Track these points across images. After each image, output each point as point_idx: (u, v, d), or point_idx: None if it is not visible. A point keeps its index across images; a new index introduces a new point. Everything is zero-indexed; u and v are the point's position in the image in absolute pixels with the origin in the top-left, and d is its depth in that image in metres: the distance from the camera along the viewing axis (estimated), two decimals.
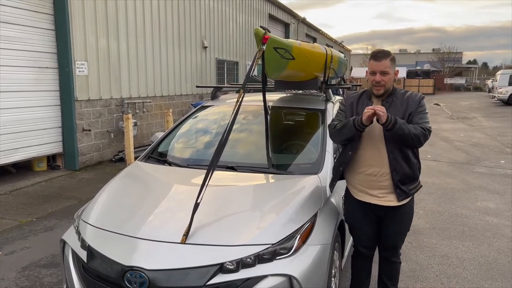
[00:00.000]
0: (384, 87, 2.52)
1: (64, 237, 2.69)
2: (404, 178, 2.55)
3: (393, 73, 2.54)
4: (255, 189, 2.87)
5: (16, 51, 6.52)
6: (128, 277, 2.15)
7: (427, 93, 37.95)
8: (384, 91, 2.55)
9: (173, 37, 10.70)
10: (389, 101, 2.57)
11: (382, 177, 2.56)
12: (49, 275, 3.55)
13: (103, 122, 8.28)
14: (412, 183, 2.61)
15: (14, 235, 4.45)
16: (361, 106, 2.61)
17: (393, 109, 2.52)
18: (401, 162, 2.53)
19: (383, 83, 2.51)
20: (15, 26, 6.48)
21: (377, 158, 2.55)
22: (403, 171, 2.54)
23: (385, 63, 2.50)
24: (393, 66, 2.54)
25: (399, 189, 2.55)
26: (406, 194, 2.58)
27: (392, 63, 2.53)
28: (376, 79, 2.51)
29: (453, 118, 16.98)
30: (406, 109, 2.53)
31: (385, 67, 2.49)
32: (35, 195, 5.98)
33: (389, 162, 2.52)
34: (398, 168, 2.52)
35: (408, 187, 2.58)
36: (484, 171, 7.55)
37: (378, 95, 2.57)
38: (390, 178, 2.54)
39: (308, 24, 25.34)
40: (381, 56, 2.51)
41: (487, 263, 3.81)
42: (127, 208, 2.67)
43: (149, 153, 3.58)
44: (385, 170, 2.55)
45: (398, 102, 2.56)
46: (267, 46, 2.91)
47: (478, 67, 62.00)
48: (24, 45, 6.64)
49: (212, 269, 2.14)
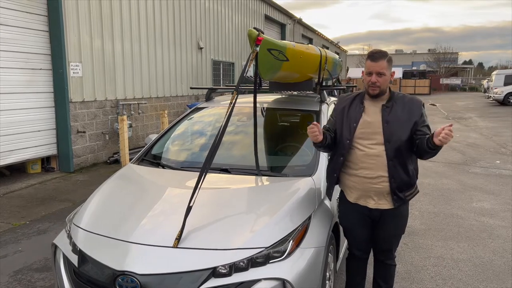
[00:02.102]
0: (379, 88, 2.49)
1: (55, 241, 2.66)
2: (401, 185, 2.52)
3: (389, 74, 2.50)
4: (249, 192, 2.85)
5: (9, 52, 6.47)
6: (120, 282, 2.13)
7: (423, 93, 38.09)
8: (379, 92, 2.51)
9: (169, 37, 10.67)
10: (390, 105, 2.52)
11: (378, 180, 2.52)
12: (42, 279, 3.51)
13: (98, 124, 8.24)
14: (409, 189, 2.57)
15: (7, 239, 4.40)
16: (353, 111, 2.58)
17: (394, 115, 2.49)
18: (400, 169, 2.49)
19: (379, 84, 2.47)
20: (7, 27, 6.43)
21: (374, 161, 2.51)
22: (401, 178, 2.50)
23: (382, 64, 2.45)
24: (389, 67, 2.49)
25: (395, 195, 2.52)
26: (402, 200, 2.55)
27: (389, 64, 2.48)
28: (372, 80, 2.47)
29: (449, 119, 17.03)
30: (410, 117, 2.48)
31: (381, 68, 2.45)
32: (29, 197, 5.93)
33: (388, 168, 2.48)
34: (396, 175, 2.49)
35: (404, 193, 2.55)
36: (480, 172, 7.56)
37: (373, 95, 2.53)
38: (388, 183, 2.50)
39: (304, 25, 25.36)
40: (378, 57, 2.46)
41: (482, 264, 3.81)
42: (119, 212, 2.64)
43: (142, 156, 3.55)
44: (381, 174, 2.50)
45: (399, 107, 2.51)
46: (261, 48, 2.89)
47: (474, 67, 62.30)
48: (17, 47, 6.59)
49: (205, 273, 2.12)
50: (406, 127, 2.47)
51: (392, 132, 2.46)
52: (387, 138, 2.46)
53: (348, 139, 2.56)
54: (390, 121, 2.47)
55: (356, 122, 2.55)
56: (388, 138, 2.46)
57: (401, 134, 2.46)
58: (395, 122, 2.47)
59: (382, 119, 2.49)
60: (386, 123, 2.47)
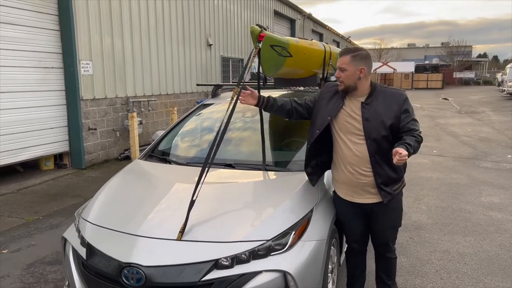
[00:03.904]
0: (343, 84, 2.50)
1: (65, 235, 2.75)
2: (387, 180, 2.53)
3: (354, 70, 2.45)
4: (252, 186, 2.90)
5: (22, 51, 6.61)
6: (126, 273, 2.20)
7: (436, 87, 37.63)
8: (344, 87, 2.51)
9: (178, 35, 10.75)
10: (369, 102, 2.51)
11: (362, 175, 2.54)
12: (54, 271, 3.62)
13: (109, 121, 8.37)
14: (395, 184, 2.58)
15: (21, 233, 4.54)
16: (332, 104, 2.59)
17: (374, 112, 2.48)
18: (384, 165, 2.49)
19: (342, 80, 2.50)
20: (21, 27, 6.58)
21: (357, 158, 2.52)
22: (386, 174, 2.51)
23: (343, 59, 2.48)
24: (354, 63, 2.45)
25: (383, 190, 2.53)
26: (391, 195, 2.55)
27: (352, 60, 2.45)
28: (335, 75, 2.55)
29: (461, 113, 16.83)
30: (391, 112, 2.45)
31: (342, 62, 2.48)
32: (42, 193, 6.08)
33: (371, 164, 2.50)
34: (380, 171, 2.50)
35: (391, 188, 2.55)
36: (490, 166, 7.49)
37: (340, 90, 2.55)
38: (372, 178, 2.52)
39: (314, 20, 25.25)
40: (342, 53, 2.54)
41: (488, 258, 3.80)
42: (125, 206, 2.71)
43: (149, 151, 3.63)
44: (365, 169, 2.52)
45: (379, 103, 2.49)
46: (264, 44, 2.94)
47: (489, 60, 61.22)
48: (29, 46, 6.73)
49: (207, 265, 2.18)
50: (386, 123, 2.45)
51: (372, 129, 2.46)
52: (367, 135, 2.47)
53: (318, 130, 2.59)
54: (370, 119, 2.47)
55: (331, 116, 2.57)
56: (368, 135, 2.47)
57: (381, 131, 2.45)
58: (375, 119, 2.46)
59: (362, 116, 2.49)
60: (366, 120, 2.47)
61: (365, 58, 2.51)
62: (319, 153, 2.72)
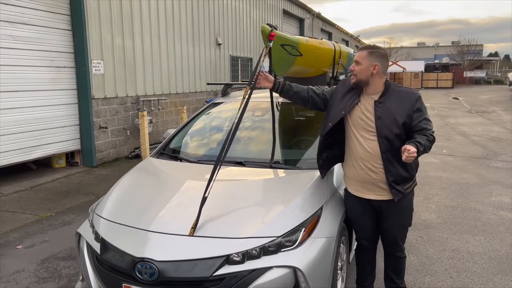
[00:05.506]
0: (356, 77, 2.58)
1: (79, 230, 2.80)
2: (398, 178, 2.54)
3: (368, 65, 2.51)
4: (262, 184, 2.93)
5: (35, 51, 6.72)
6: (139, 268, 2.25)
7: (446, 86, 37.31)
8: (356, 81, 2.58)
9: (187, 34, 10.82)
10: (382, 101, 2.54)
11: (374, 172, 2.56)
12: (67, 267, 3.69)
13: (119, 120, 8.46)
14: (407, 182, 2.59)
15: (34, 229, 4.62)
16: (348, 99, 2.64)
17: (387, 110, 2.51)
18: (395, 164, 2.51)
19: (355, 72, 2.57)
20: (34, 27, 6.69)
21: (368, 154, 2.56)
22: (397, 172, 2.53)
23: (360, 54, 2.58)
24: (369, 59, 2.51)
25: (394, 189, 2.54)
26: (402, 194, 2.56)
27: (369, 55, 2.52)
28: (350, 68, 2.64)
29: (472, 112, 16.69)
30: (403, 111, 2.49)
31: (358, 57, 2.57)
32: (55, 191, 6.18)
33: (383, 161, 2.52)
34: (391, 169, 2.52)
35: (403, 186, 2.57)
36: (501, 166, 7.44)
37: (352, 83, 2.61)
38: (384, 175, 2.54)
39: (323, 19, 25.17)
40: (362, 48, 2.64)
41: (498, 258, 3.79)
42: (138, 203, 2.77)
43: (161, 149, 3.68)
44: (377, 166, 2.55)
45: (392, 102, 2.52)
46: (274, 43, 2.96)
47: (500, 59, 60.56)
48: (41, 45, 6.83)
49: (219, 261, 2.22)
50: (399, 121, 2.48)
51: (384, 127, 2.49)
52: (379, 132, 2.50)
53: (331, 123, 2.64)
54: (382, 117, 2.50)
55: (345, 111, 2.61)
56: (380, 133, 2.50)
57: (393, 129, 2.48)
58: (387, 117, 2.49)
59: (375, 114, 2.52)
60: (379, 118, 2.51)
61: (381, 56, 2.56)
62: (330, 146, 2.76)
